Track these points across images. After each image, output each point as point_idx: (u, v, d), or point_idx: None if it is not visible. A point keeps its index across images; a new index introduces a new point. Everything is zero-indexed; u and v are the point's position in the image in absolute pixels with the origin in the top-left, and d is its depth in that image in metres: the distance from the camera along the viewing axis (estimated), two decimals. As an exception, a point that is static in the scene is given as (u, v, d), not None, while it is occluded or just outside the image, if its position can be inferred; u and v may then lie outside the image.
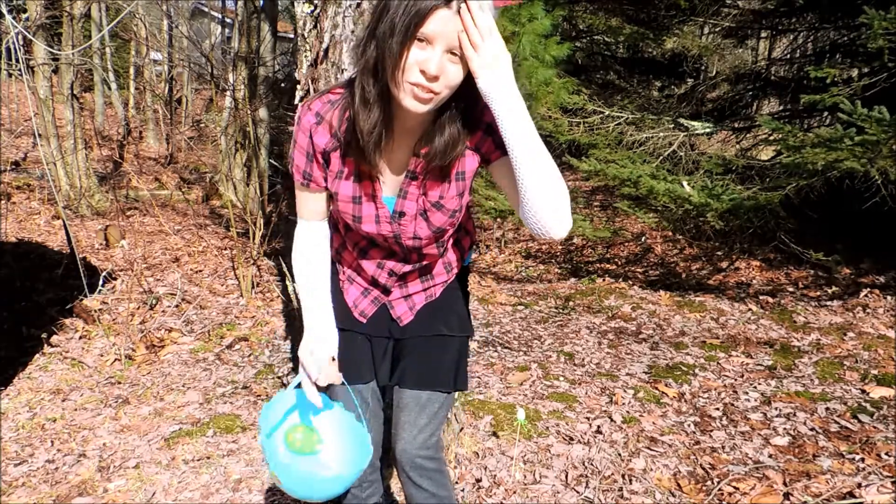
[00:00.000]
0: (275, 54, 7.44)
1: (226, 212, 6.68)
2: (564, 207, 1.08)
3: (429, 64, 0.99)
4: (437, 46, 0.99)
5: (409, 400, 1.33)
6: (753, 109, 7.32)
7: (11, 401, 2.77)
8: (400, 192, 1.19)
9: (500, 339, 3.56)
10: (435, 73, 0.99)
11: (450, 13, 0.98)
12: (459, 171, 1.18)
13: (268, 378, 3.01)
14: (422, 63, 1.00)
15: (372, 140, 1.10)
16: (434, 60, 0.99)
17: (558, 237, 1.09)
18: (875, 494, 1.90)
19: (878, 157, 3.41)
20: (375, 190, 1.20)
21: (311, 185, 1.24)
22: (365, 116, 1.08)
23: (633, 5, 6.84)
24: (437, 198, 1.18)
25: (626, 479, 2.11)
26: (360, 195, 1.21)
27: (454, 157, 1.13)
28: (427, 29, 0.98)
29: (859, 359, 3.06)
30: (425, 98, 1.02)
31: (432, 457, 1.32)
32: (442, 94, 1.03)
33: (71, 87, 6.38)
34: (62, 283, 4.05)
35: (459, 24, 0.98)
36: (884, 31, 3.62)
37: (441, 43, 0.99)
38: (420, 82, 1.01)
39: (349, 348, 1.39)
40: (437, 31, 0.98)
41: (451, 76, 1.02)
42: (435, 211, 1.19)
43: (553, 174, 1.07)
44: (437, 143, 1.11)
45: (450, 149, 1.11)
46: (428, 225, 1.21)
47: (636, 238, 6.05)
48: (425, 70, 0.99)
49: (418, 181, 1.18)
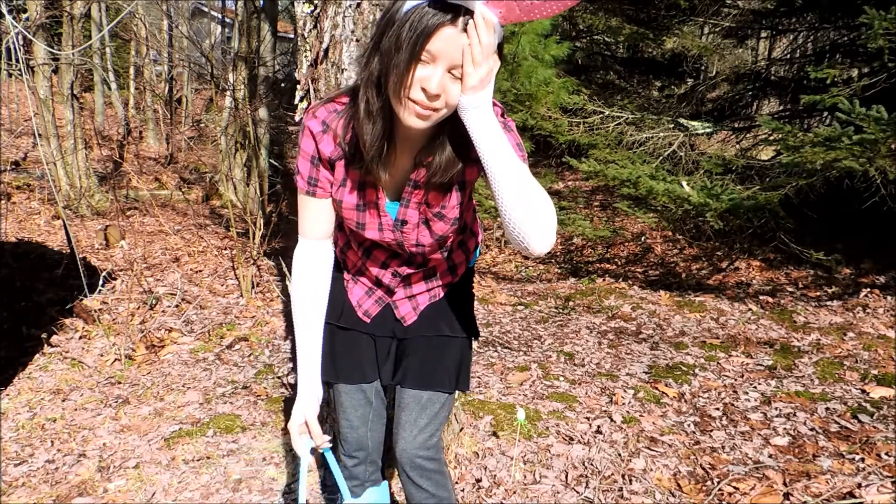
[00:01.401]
0: (275, 54, 7.44)
1: (226, 212, 6.69)
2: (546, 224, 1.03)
3: (430, 82, 0.98)
4: (440, 65, 0.98)
5: (409, 400, 1.33)
6: (753, 109, 7.32)
7: (11, 401, 2.77)
8: (402, 200, 1.19)
9: (500, 339, 3.56)
10: (436, 91, 0.99)
11: (455, 31, 0.96)
12: (461, 181, 1.18)
13: (268, 378, 3.01)
14: (423, 81, 0.99)
15: (374, 152, 1.09)
16: (436, 79, 0.99)
17: (537, 253, 1.05)
18: (875, 494, 1.90)
19: (876, 156, 3.41)
20: (378, 198, 1.20)
21: (316, 191, 1.21)
22: (368, 129, 1.08)
23: (633, 5, 6.85)
24: (438, 207, 1.18)
25: (626, 479, 2.11)
26: (363, 203, 1.20)
27: (454, 173, 1.12)
28: (432, 47, 0.97)
29: (859, 359, 3.06)
30: (425, 115, 1.02)
31: (432, 457, 1.33)
32: (442, 111, 1.03)
33: (71, 87, 6.39)
34: (62, 283, 4.05)
35: (462, 42, 0.97)
36: (884, 31, 3.62)
37: (444, 61, 0.98)
38: (421, 100, 1.00)
39: (353, 348, 1.39)
40: (441, 49, 0.97)
41: (451, 95, 1.01)
42: (437, 220, 1.19)
43: (530, 188, 1.03)
44: (437, 160, 1.10)
45: (450, 166, 1.11)
46: (430, 233, 1.21)
47: (636, 238, 6.06)
48: (426, 88, 0.99)
49: (420, 190, 1.18)
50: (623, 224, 6.36)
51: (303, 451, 1.28)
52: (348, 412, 1.41)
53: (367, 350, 1.39)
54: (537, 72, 5.36)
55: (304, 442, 1.28)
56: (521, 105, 5.47)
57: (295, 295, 1.29)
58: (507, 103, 5.51)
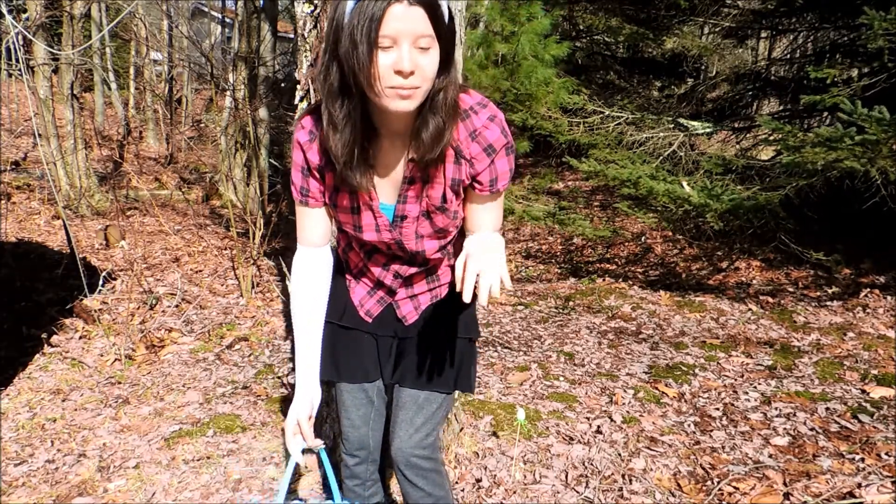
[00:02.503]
0: (275, 54, 7.44)
1: (226, 212, 6.69)
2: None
3: (401, 63, 0.98)
4: (403, 43, 0.98)
5: (406, 399, 1.33)
6: (753, 109, 7.32)
7: (11, 401, 2.77)
8: (399, 197, 1.19)
9: (500, 339, 3.56)
10: (410, 69, 0.99)
11: (403, 6, 0.96)
12: (455, 178, 1.17)
13: (268, 378, 3.01)
14: (394, 65, 0.99)
15: (345, 159, 1.10)
16: (405, 57, 0.98)
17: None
18: (875, 494, 1.90)
19: (877, 156, 3.41)
20: (372, 199, 1.20)
21: (309, 201, 1.23)
22: (335, 139, 1.08)
23: (633, 5, 6.85)
24: (439, 201, 1.18)
25: (626, 479, 2.11)
26: (357, 205, 1.21)
27: (444, 146, 1.11)
28: (387, 30, 0.97)
29: (859, 359, 3.06)
30: (408, 95, 1.02)
31: (428, 457, 1.32)
32: (423, 87, 1.02)
33: (71, 87, 6.39)
34: (62, 283, 4.05)
35: (417, 14, 0.97)
36: (884, 32, 3.62)
37: (405, 38, 0.98)
38: (399, 84, 1.00)
39: (355, 347, 1.39)
40: (398, 28, 0.97)
41: (426, 68, 1.01)
42: (438, 213, 1.19)
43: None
44: (424, 138, 1.09)
45: (437, 140, 1.09)
46: (431, 224, 1.21)
47: (636, 238, 6.06)
48: (400, 70, 0.99)
49: (417, 185, 1.18)
50: (623, 224, 6.35)
51: (294, 451, 1.29)
52: (350, 411, 1.41)
53: (369, 349, 1.39)
54: (537, 71, 5.36)
55: (296, 442, 1.29)
56: (521, 105, 5.47)
57: (294, 301, 1.31)
58: (507, 103, 5.51)
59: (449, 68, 1.06)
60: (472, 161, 1.15)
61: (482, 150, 1.14)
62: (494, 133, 1.13)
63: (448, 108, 1.08)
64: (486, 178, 1.17)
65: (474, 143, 1.13)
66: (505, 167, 1.17)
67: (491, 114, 1.13)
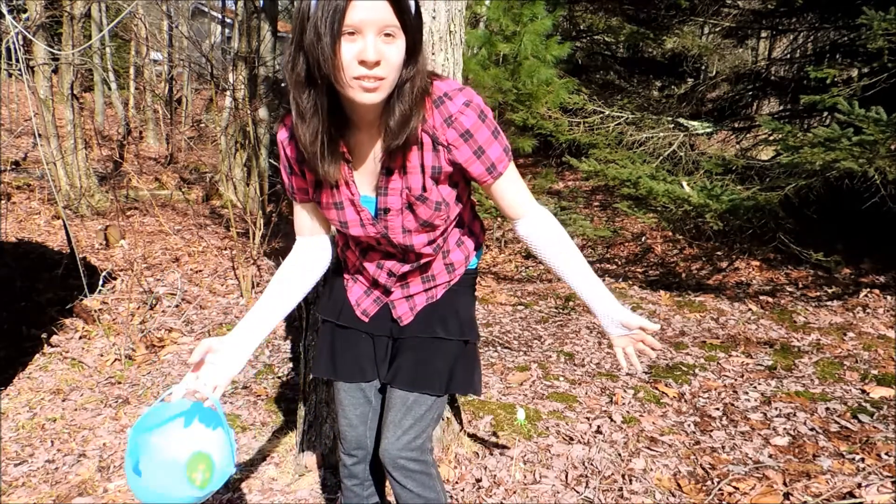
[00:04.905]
0: (275, 54, 7.44)
1: (226, 212, 6.69)
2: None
3: (366, 53, 0.98)
4: (368, 33, 0.98)
5: (396, 400, 1.32)
6: (753, 109, 7.32)
7: (11, 401, 2.77)
8: (379, 189, 1.19)
9: (500, 339, 3.56)
10: (374, 58, 0.99)
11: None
12: (435, 166, 1.16)
13: (268, 378, 3.01)
14: (359, 55, 0.99)
15: (313, 149, 1.10)
16: (370, 47, 0.98)
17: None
18: (875, 494, 1.90)
19: (876, 157, 3.41)
20: (353, 194, 1.20)
21: (296, 196, 1.28)
22: (303, 130, 1.09)
23: (633, 5, 6.85)
24: (419, 190, 1.18)
25: (626, 479, 2.11)
26: (340, 200, 1.21)
27: (411, 132, 1.10)
28: (352, 19, 0.97)
29: (859, 359, 3.06)
30: (374, 87, 1.02)
31: (416, 459, 1.31)
32: (389, 77, 1.02)
33: (71, 87, 6.39)
34: (62, 283, 4.05)
35: (381, 5, 0.98)
36: (884, 32, 3.62)
37: (370, 28, 0.98)
38: (364, 74, 1.00)
39: (352, 347, 1.39)
40: (363, 18, 0.97)
41: (391, 58, 1.01)
42: (420, 204, 1.19)
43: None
44: (391, 125, 1.09)
45: (402, 126, 1.09)
46: (415, 217, 1.21)
47: (636, 238, 6.06)
48: (365, 60, 0.99)
49: (396, 176, 1.17)
50: (623, 224, 6.36)
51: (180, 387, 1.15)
52: (347, 411, 1.41)
53: (366, 349, 1.39)
54: (539, 71, 5.37)
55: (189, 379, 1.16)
56: (521, 104, 5.47)
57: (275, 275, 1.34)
58: (508, 102, 5.52)
59: (416, 58, 1.05)
60: (451, 147, 1.15)
61: (459, 135, 1.13)
62: (470, 118, 1.13)
63: (415, 97, 1.08)
64: (481, 168, 1.17)
65: (450, 129, 1.13)
66: (497, 151, 1.17)
67: (466, 99, 1.12)
